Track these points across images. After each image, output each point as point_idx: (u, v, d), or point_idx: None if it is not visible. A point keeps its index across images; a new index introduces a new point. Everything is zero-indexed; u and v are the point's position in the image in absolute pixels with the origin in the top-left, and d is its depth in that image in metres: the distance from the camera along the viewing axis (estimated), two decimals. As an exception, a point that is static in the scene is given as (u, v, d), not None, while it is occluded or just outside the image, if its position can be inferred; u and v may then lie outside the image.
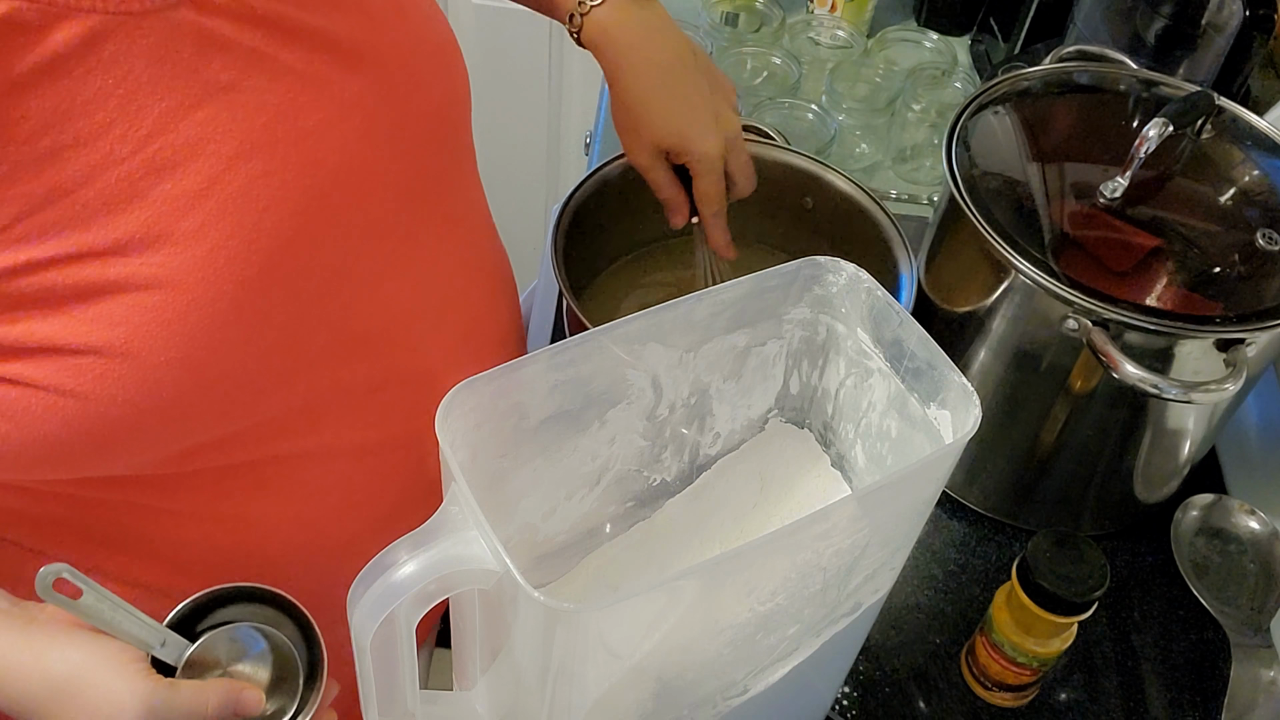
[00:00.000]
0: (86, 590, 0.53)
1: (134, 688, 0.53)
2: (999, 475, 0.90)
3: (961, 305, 0.84)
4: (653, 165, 0.82)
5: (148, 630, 0.55)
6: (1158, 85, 0.89)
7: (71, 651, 0.54)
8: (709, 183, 0.82)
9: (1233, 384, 0.72)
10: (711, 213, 0.84)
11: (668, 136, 0.80)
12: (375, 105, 0.61)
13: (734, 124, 0.82)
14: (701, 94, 0.80)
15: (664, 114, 0.79)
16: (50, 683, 0.54)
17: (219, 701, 0.56)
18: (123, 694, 0.53)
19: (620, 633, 0.51)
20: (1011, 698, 0.80)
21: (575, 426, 0.62)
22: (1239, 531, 0.88)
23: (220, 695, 0.56)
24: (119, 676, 0.54)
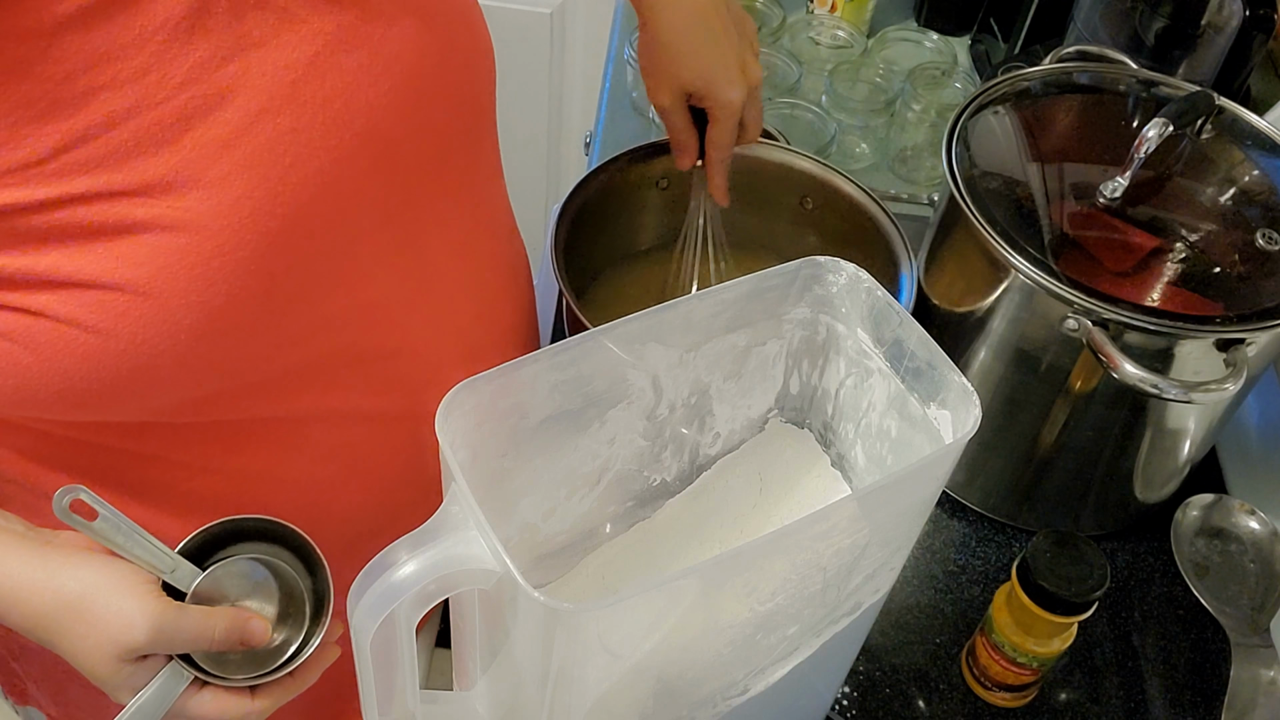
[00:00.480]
0: (102, 513, 0.55)
1: (144, 607, 0.55)
2: (999, 475, 0.90)
3: (961, 305, 0.84)
4: (674, 107, 0.84)
5: (160, 556, 0.57)
6: (1158, 85, 0.89)
7: (85, 571, 0.56)
8: (725, 130, 0.84)
9: (1233, 384, 0.72)
10: (720, 157, 0.86)
11: (695, 80, 0.81)
12: (404, 72, 0.62)
13: (756, 73, 0.84)
14: (731, 40, 0.81)
15: (694, 57, 0.80)
16: (62, 600, 0.55)
17: (225, 628, 0.58)
18: (133, 612, 0.55)
19: (620, 633, 0.51)
20: (1011, 698, 0.80)
21: (575, 426, 0.62)
22: (1239, 531, 0.88)
23: (227, 622, 0.58)
24: (130, 596, 0.55)
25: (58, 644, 0.56)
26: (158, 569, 0.57)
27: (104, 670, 0.56)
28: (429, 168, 0.66)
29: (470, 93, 0.69)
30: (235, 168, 0.55)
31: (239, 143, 0.55)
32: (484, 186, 0.75)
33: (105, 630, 0.55)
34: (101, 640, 0.55)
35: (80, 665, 0.57)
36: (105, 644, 0.55)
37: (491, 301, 0.77)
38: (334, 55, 0.58)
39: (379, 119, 0.60)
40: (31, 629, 0.56)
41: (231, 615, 0.58)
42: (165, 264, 0.54)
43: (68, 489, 0.54)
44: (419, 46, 0.63)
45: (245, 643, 0.59)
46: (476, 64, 0.69)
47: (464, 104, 0.68)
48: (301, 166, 0.57)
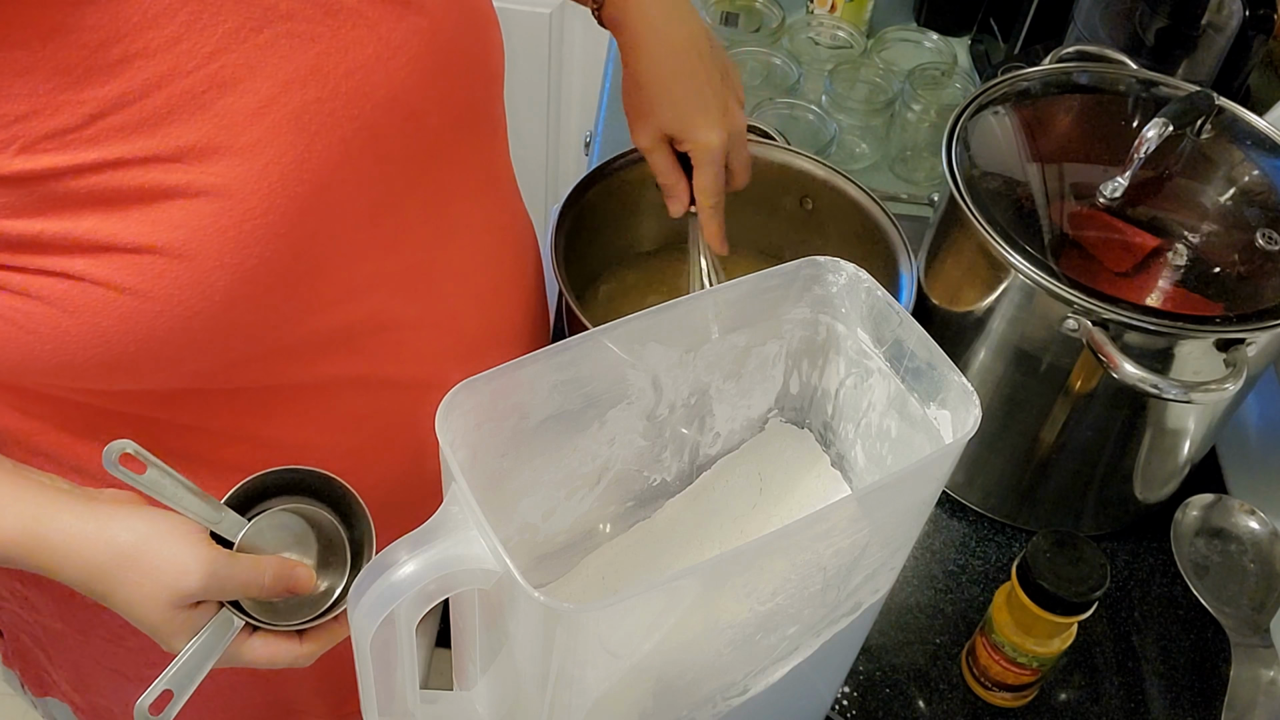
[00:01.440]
0: (150, 466, 0.56)
1: (198, 554, 0.57)
2: (999, 475, 0.90)
3: (961, 305, 0.84)
4: (655, 149, 0.83)
5: (208, 507, 0.59)
6: (1158, 85, 0.89)
7: (136, 522, 0.57)
8: (708, 175, 0.83)
9: (1233, 384, 0.72)
10: (709, 204, 0.85)
11: (673, 122, 0.81)
12: (421, 48, 0.63)
13: (739, 119, 0.83)
14: (713, 85, 0.81)
15: (672, 100, 0.80)
16: (116, 550, 0.57)
17: (274, 575, 0.60)
18: (187, 559, 0.57)
19: (620, 633, 0.51)
20: (1011, 698, 0.80)
21: (575, 426, 0.62)
22: (1239, 531, 0.88)
23: (275, 569, 0.60)
24: (183, 544, 0.57)
25: (112, 595, 0.57)
26: (206, 519, 0.59)
27: (158, 617, 0.57)
28: (449, 137, 0.68)
29: (484, 67, 0.71)
30: (264, 135, 0.57)
31: (268, 111, 0.57)
32: (499, 160, 0.77)
33: (160, 578, 0.56)
34: (156, 588, 0.56)
35: (134, 615, 0.58)
36: (160, 591, 0.56)
37: (510, 275, 0.79)
38: (355, 29, 0.60)
39: (399, 90, 0.62)
40: (85, 581, 0.57)
41: (279, 563, 0.60)
42: (199, 227, 0.55)
43: (117, 443, 0.55)
44: (435, 22, 0.64)
45: (292, 590, 0.61)
46: (488, 46, 0.71)
47: (478, 80, 0.70)
48: (327, 135, 0.59)
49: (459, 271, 0.72)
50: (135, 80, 0.53)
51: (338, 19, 0.59)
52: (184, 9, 0.54)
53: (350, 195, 0.61)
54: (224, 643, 0.59)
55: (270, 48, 0.57)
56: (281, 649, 0.62)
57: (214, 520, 0.59)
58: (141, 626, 0.58)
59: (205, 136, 0.55)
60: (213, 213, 0.56)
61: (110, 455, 0.55)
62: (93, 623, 0.78)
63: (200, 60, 0.55)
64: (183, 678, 0.58)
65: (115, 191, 0.54)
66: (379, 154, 0.62)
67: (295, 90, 0.58)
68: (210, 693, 0.82)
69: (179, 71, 0.54)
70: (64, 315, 0.56)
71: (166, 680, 0.58)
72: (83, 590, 0.58)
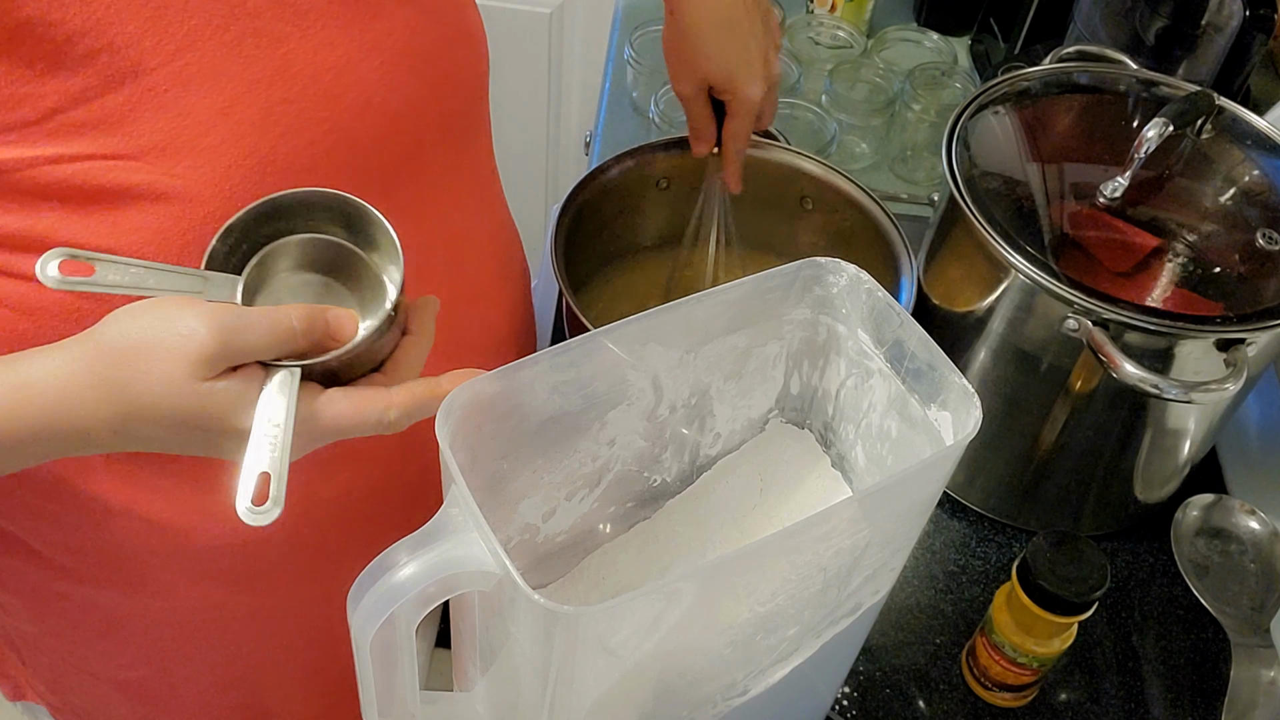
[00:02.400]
0: (99, 263, 0.47)
1: (198, 312, 0.48)
2: (999, 476, 0.90)
3: (961, 305, 0.84)
4: (695, 96, 0.85)
5: (187, 278, 0.49)
6: (1158, 85, 0.89)
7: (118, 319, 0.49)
8: (743, 122, 0.85)
9: (1233, 384, 0.72)
10: (737, 148, 0.87)
11: (717, 73, 0.82)
12: (395, 50, 0.63)
13: (777, 68, 0.85)
14: (756, 35, 0.82)
15: (719, 51, 0.81)
16: (109, 355, 0.48)
17: (302, 316, 0.50)
18: (189, 321, 0.48)
19: (620, 634, 0.51)
20: (1012, 698, 0.80)
21: (575, 427, 0.62)
22: (1239, 532, 0.88)
23: (303, 312, 0.50)
24: (178, 310, 0.48)
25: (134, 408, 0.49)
26: (192, 291, 0.49)
27: (195, 399, 0.48)
28: (427, 141, 0.67)
29: (465, 71, 0.70)
30: (228, 136, 0.55)
31: (231, 112, 0.55)
32: (476, 167, 0.76)
33: (168, 351, 0.48)
34: (169, 366, 0.48)
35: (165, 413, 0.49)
36: (174, 367, 0.48)
37: (494, 281, 0.78)
38: (326, 30, 0.59)
39: (371, 93, 0.61)
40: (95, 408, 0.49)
41: (306, 307, 0.51)
42: (159, 229, 0.54)
43: (50, 253, 0.46)
44: (411, 26, 0.63)
45: (333, 334, 0.51)
46: (470, 49, 0.70)
47: (456, 84, 0.69)
48: (294, 137, 0.58)
49: (437, 279, 0.70)
50: (97, 77, 0.52)
51: (307, 19, 0.58)
52: (149, 4, 0.53)
53: None
54: (292, 396, 0.49)
55: (236, 46, 0.56)
56: (368, 399, 0.52)
57: (198, 289, 0.49)
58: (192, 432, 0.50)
59: (167, 136, 0.54)
60: (172, 215, 0.55)
61: (46, 269, 0.46)
62: (66, 625, 0.76)
63: (164, 58, 0.54)
64: (270, 452, 0.48)
65: (75, 189, 0.53)
66: (351, 158, 0.61)
67: (261, 91, 0.56)
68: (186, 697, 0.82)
69: (142, 69, 0.53)
70: (20, 317, 0.55)
71: (253, 463, 0.48)
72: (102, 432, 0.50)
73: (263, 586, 0.76)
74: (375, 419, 0.52)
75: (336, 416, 0.52)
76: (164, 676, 0.81)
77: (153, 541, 0.70)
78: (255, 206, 0.51)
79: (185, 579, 0.73)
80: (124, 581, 0.73)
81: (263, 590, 0.76)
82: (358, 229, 0.53)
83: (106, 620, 0.75)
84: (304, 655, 0.84)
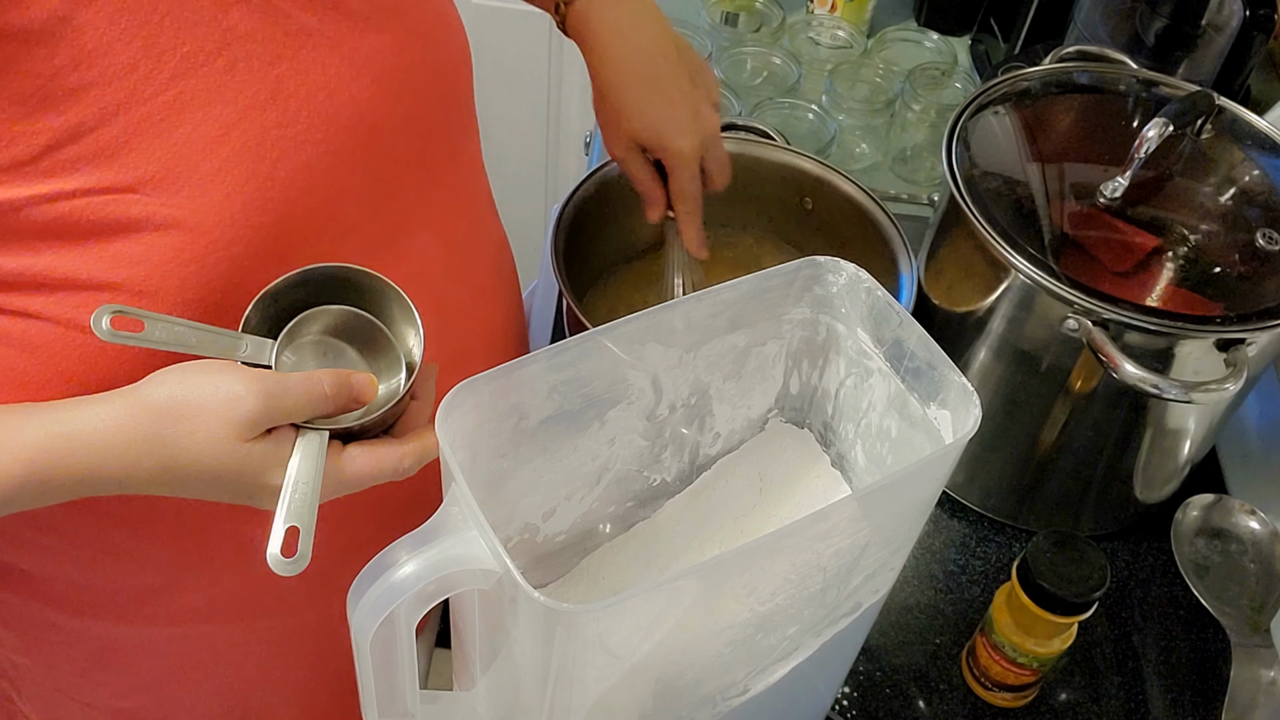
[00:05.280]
0: (148, 320, 0.52)
1: (242, 377, 0.52)
2: (999, 475, 0.90)
3: (961, 305, 0.84)
4: (628, 158, 0.83)
5: (226, 339, 0.54)
6: (1158, 85, 0.89)
7: (164, 379, 0.53)
8: (683, 180, 0.82)
9: (1233, 384, 0.72)
10: (686, 209, 0.84)
11: (643, 131, 0.80)
12: (385, 67, 0.62)
13: (712, 122, 0.82)
14: (681, 89, 0.80)
15: (641, 109, 0.79)
16: (155, 412, 0.52)
17: (332, 381, 0.55)
18: (234, 385, 0.52)
19: (620, 633, 0.51)
20: (1012, 698, 0.80)
21: (575, 427, 0.62)
22: (1239, 532, 0.88)
23: (332, 378, 0.55)
24: (222, 376, 0.52)
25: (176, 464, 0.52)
26: (229, 351, 0.54)
27: (235, 458, 0.52)
28: (413, 158, 0.66)
29: (452, 80, 0.69)
30: (225, 163, 0.55)
31: (228, 138, 0.55)
32: (467, 180, 0.75)
33: (214, 415, 0.52)
34: (214, 427, 0.52)
35: (209, 469, 0.53)
36: (219, 428, 0.52)
37: (485, 290, 0.77)
38: (317, 50, 0.59)
39: (364, 110, 0.61)
40: (136, 460, 0.52)
41: (334, 372, 0.55)
42: (160, 262, 0.54)
43: (104, 308, 0.51)
44: (399, 43, 0.63)
45: (357, 397, 0.56)
46: (455, 61, 0.70)
47: (444, 98, 0.69)
48: (289, 160, 0.57)
49: (438, 289, 0.70)
50: (90, 110, 0.51)
51: (298, 40, 0.58)
52: (140, 34, 0.52)
53: (314, 221, 0.60)
54: (320, 456, 0.54)
55: (229, 71, 0.55)
56: (383, 453, 0.57)
57: (238, 350, 0.54)
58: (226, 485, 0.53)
59: (164, 166, 0.53)
60: (174, 247, 0.54)
61: (99, 321, 0.50)
62: (59, 655, 0.75)
63: (158, 87, 0.53)
64: (299, 508, 0.53)
65: (73, 225, 0.52)
66: (347, 177, 0.61)
67: (256, 115, 0.56)
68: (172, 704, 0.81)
69: (136, 99, 0.52)
70: (21, 355, 0.54)
71: (284, 517, 0.52)
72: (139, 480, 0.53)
73: (260, 612, 0.75)
74: (391, 469, 0.57)
75: (358, 471, 0.56)
76: (159, 704, 0.80)
77: (148, 577, 0.70)
78: (289, 277, 0.56)
79: (181, 611, 0.72)
80: (119, 613, 0.72)
81: (260, 615, 0.76)
82: (378, 298, 0.59)
83: (100, 650, 0.75)
84: (302, 676, 0.84)
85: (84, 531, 0.65)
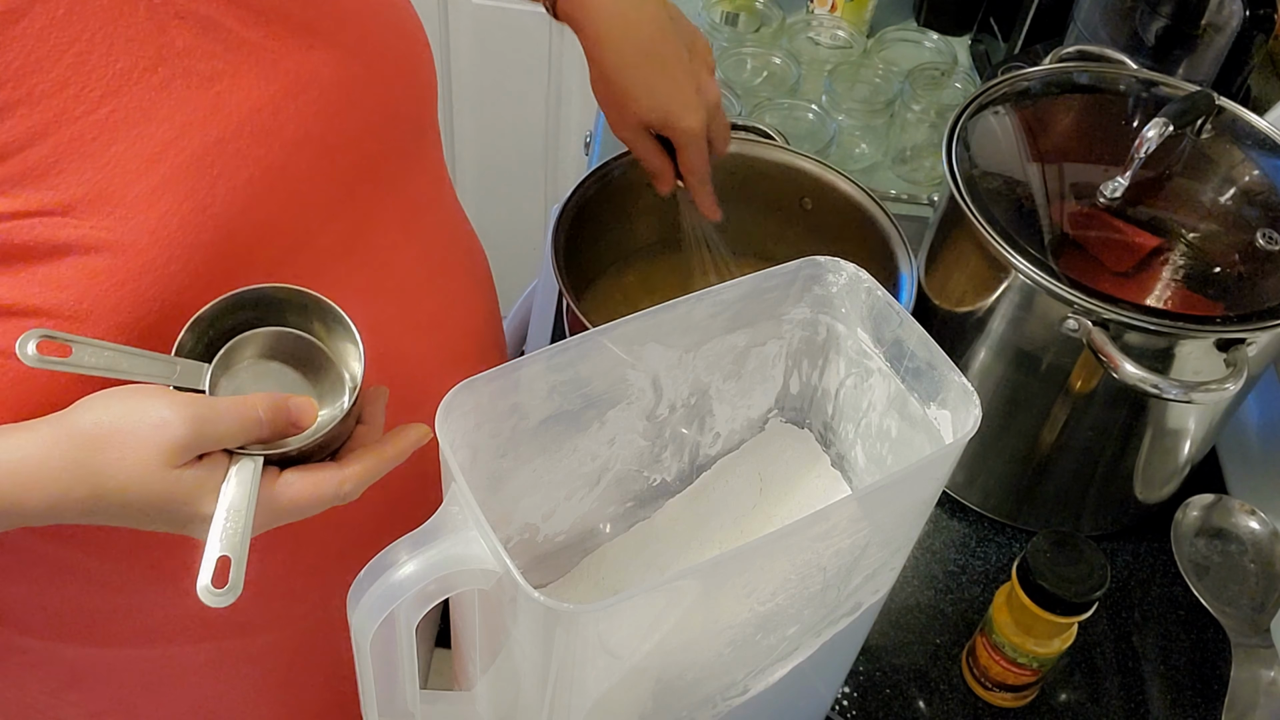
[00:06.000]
0: (76, 346, 0.50)
1: (171, 402, 0.50)
2: (999, 475, 0.90)
3: (961, 305, 0.84)
4: (636, 138, 0.82)
5: (158, 364, 0.52)
6: (1158, 85, 0.89)
7: (92, 404, 0.51)
8: (692, 154, 0.82)
9: (1233, 384, 0.72)
10: (698, 180, 0.85)
11: (651, 112, 0.80)
12: (333, 84, 0.61)
13: (714, 92, 0.82)
14: (682, 64, 0.79)
15: (648, 90, 0.79)
16: (82, 438, 0.50)
17: (267, 406, 0.53)
18: (162, 410, 0.50)
19: (620, 633, 0.51)
20: (1012, 698, 0.80)
21: (575, 427, 0.62)
22: (1239, 532, 0.88)
23: (267, 402, 0.53)
24: (151, 400, 0.50)
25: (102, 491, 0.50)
26: (163, 377, 0.52)
27: (164, 485, 0.50)
28: (369, 167, 0.65)
29: (408, 101, 0.68)
30: (162, 182, 0.53)
31: (164, 156, 0.53)
32: (427, 187, 0.74)
33: (141, 441, 0.50)
34: (142, 453, 0.50)
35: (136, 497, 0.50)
36: (147, 454, 0.50)
37: (456, 297, 0.76)
38: (259, 66, 0.57)
39: (311, 126, 0.59)
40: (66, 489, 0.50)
41: (269, 397, 0.53)
42: (92, 286, 0.52)
43: (30, 333, 0.49)
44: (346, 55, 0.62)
45: (295, 421, 0.54)
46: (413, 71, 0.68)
47: (399, 109, 0.67)
48: (230, 178, 0.56)
49: (391, 302, 0.68)
50: (18, 130, 0.50)
51: (239, 55, 0.56)
52: (70, 50, 0.51)
53: (260, 238, 0.58)
54: (254, 483, 0.52)
55: (165, 88, 0.54)
56: (322, 478, 0.54)
57: (169, 375, 0.52)
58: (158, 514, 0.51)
59: (96, 187, 0.52)
60: (107, 269, 0.52)
61: (26, 349, 0.48)
62: (29, 677, 0.74)
63: (89, 105, 0.51)
64: (231, 537, 0.51)
65: (2, 249, 0.51)
66: (290, 193, 0.59)
67: (194, 132, 0.54)
68: None
69: (66, 118, 0.51)
70: None
71: (215, 547, 0.50)
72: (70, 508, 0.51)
73: (231, 631, 0.73)
74: (331, 494, 0.54)
75: (294, 497, 0.54)
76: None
77: (111, 598, 0.68)
78: (223, 300, 0.54)
79: (149, 631, 0.71)
80: (85, 635, 0.71)
81: (231, 634, 0.74)
82: (319, 319, 0.56)
83: (70, 671, 0.73)
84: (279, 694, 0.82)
85: (40, 552, 0.64)
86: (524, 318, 1.15)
